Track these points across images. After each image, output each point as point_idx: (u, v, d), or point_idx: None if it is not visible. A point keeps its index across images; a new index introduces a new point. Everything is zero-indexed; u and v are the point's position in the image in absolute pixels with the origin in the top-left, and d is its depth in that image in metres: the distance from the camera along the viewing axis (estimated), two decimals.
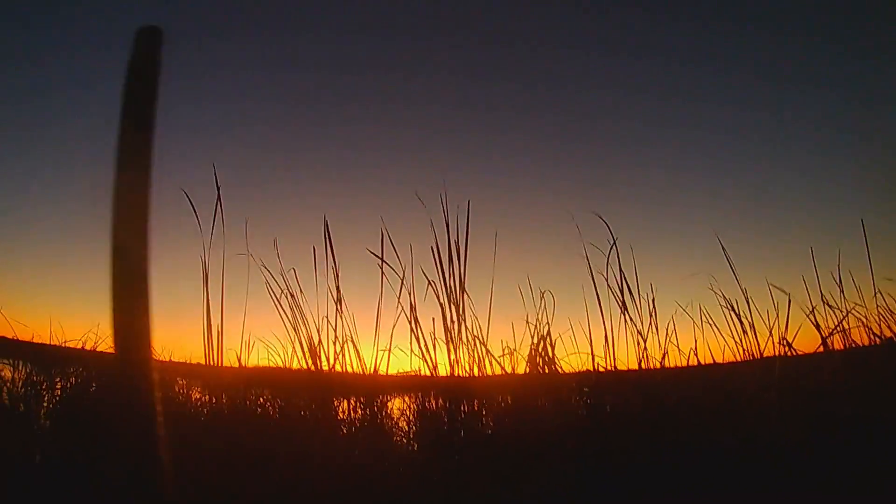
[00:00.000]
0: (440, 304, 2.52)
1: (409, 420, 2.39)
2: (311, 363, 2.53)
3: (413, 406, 2.44)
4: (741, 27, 7.43)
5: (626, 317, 2.71)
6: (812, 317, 2.88)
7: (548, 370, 2.51)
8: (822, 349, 2.82)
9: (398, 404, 2.50)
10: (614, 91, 8.15)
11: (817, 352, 2.81)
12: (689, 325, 2.87)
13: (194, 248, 2.57)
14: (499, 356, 2.54)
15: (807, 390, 2.55)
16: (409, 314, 2.55)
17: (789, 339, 2.74)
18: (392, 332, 2.56)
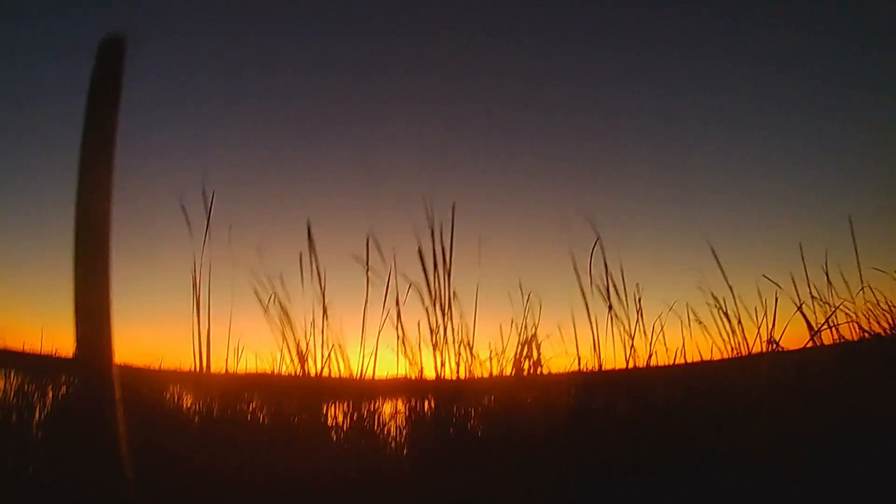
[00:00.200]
0: (425, 308, 2.54)
1: (386, 423, 2.41)
2: (299, 369, 2.55)
3: (399, 409, 2.46)
4: (722, 20, 7.42)
5: (613, 315, 2.72)
6: (801, 312, 2.89)
7: (533, 372, 2.52)
8: (811, 345, 2.82)
9: (384, 407, 2.52)
10: (598, 86, 8.13)
11: (806, 347, 2.81)
12: (676, 324, 2.88)
13: (183, 256, 2.59)
14: (485, 359, 2.55)
15: (794, 387, 2.56)
16: (396, 321, 2.56)
17: (777, 337, 2.74)
18: (378, 336, 2.57)
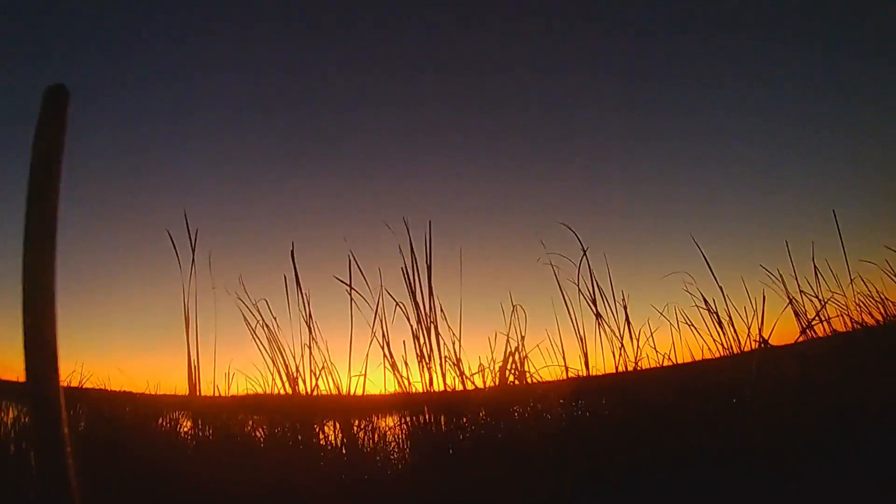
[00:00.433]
0: (410, 325, 2.57)
1: (378, 438, 2.45)
2: (290, 390, 2.60)
3: (389, 423, 2.49)
4: (705, 25, 7.43)
5: (601, 323, 2.73)
6: (791, 307, 2.88)
7: (518, 383, 2.54)
8: (802, 339, 2.81)
9: (377, 422, 2.55)
10: (574, 94, 8.13)
11: (797, 342, 2.80)
12: (665, 327, 2.87)
13: (173, 286, 2.66)
14: (472, 373, 2.57)
15: (784, 382, 2.54)
16: (382, 340, 2.60)
17: (766, 334, 2.72)
18: (367, 354, 2.61)
